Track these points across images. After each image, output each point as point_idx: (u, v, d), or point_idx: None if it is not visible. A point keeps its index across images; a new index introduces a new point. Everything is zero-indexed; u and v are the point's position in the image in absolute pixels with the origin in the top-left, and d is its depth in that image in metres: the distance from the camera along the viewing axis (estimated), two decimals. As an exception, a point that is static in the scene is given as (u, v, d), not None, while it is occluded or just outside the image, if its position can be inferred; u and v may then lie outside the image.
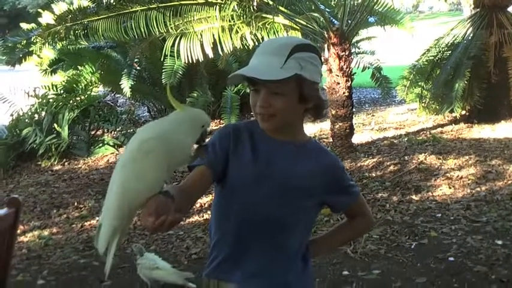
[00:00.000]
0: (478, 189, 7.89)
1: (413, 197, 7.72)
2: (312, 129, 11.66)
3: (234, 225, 2.46)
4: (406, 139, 11.09)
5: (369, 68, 13.69)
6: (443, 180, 8.37)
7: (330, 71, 9.83)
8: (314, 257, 2.67)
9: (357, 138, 10.99)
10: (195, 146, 2.26)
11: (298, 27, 10.33)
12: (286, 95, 2.36)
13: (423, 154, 9.71)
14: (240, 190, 2.44)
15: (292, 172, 2.44)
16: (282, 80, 2.30)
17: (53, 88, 12.63)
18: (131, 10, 10.87)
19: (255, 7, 10.13)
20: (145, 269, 5.25)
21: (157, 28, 10.69)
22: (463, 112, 12.56)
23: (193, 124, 2.19)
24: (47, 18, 14.84)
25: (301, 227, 2.53)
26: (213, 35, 10.31)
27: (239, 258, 2.48)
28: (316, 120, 2.60)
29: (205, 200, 7.61)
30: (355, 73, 10.48)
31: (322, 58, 9.69)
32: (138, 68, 13.88)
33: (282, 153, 2.46)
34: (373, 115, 15.02)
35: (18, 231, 5.26)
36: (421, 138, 11.13)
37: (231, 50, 10.61)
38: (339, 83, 9.79)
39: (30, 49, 12.61)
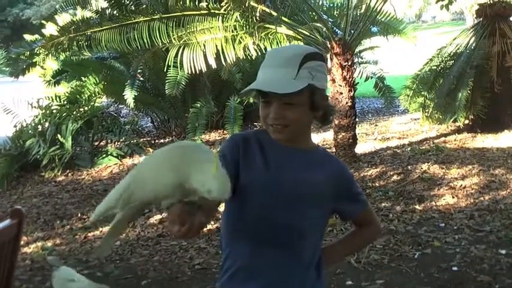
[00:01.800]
0: (482, 198, 7.88)
1: (417, 206, 7.71)
2: (315, 138, 11.59)
3: (246, 235, 2.44)
4: (409, 149, 11.09)
5: (372, 77, 13.73)
6: (446, 189, 8.36)
7: (333, 80, 9.85)
8: (325, 267, 2.62)
9: (360, 148, 10.99)
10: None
11: (300, 37, 10.36)
12: (299, 105, 2.36)
13: (426, 164, 9.71)
14: (251, 199, 2.42)
15: (302, 180, 2.43)
16: (296, 92, 2.30)
17: (56, 99, 12.64)
18: (134, 21, 10.94)
19: (257, 17, 10.16)
20: (61, 282, 5.15)
21: (160, 39, 10.75)
22: (466, 121, 12.59)
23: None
24: (50, 29, 14.90)
25: (314, 235, 2.52)
26: (216, 45, 10.36)
27: (253, 269, 2.45)
28: (321, 128, 2.61)
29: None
30: (358, 83, 10.50)
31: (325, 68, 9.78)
32: (141, 78, 13.92)
33: (291, 161, 2.46)
34: (376, 125, 15.03)
35: (22, 242, 5.26)
36: (424, 147, 11.13)
37: (234, 60, 10.64)
38: (341, 93, 9.81)
39: (34, 60, 12.63)
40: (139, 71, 13.11)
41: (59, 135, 11.35)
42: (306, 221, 2.44)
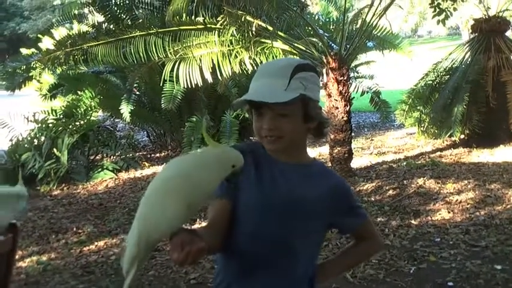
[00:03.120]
0: (477, 213, 7.88)
1: (412, 221, 7.71)
2: (310, 153, 11.63)
3: (238, 251, 2.41)
4: (405, 163, 11.10)
5: (367, 92, 13.75)
6: (442, 204, 8.37)
7: (329, 95, 9.87)
8: (323, 282, 2.58)
9: (356, 163, 11.00)
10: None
11: (296, 52, 10.39)
12: (292, 116, 2.34)
13: (422, 178, 9.73)
14: (245, 215, 2.39)
15: (296, 195, 2.39)
16: (288, 102, 2.29)
17: (52, 113, 12.64)
18: (130, 35, 10.96)
19: (253, 32, 10.18)
20: None
21: (157, 53, 10.77)
22: (462, 136, 12.61)
23: (221, 163, 2.16)
24: (47, 43, 14.93)
25: (308, 251, 2.48)
26: (212, 59, 10.37)
27: (244, 285, 2.43)
28: (316, 143, 2.58)
29: (204, 224, 7.56)
30: (354, 97, 10.53)
31: (321, 83, 9.79)
32: (137, 92, 13.92)
33: (285, 175, 2.42)
34: (372, 139, 15.04)
35: (17, 256, 5.24)
36: (420, 162, 11.15)
37: (230, 74, 10.65)
38: (337, 108, 9.83)
39: (30, 74, 12.65)
40: (135, 85, 13.12)
41: (54, 149, 11.34)
42: (299, 237, 2.41)
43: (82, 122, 12.32)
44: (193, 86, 10.61)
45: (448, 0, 10.55)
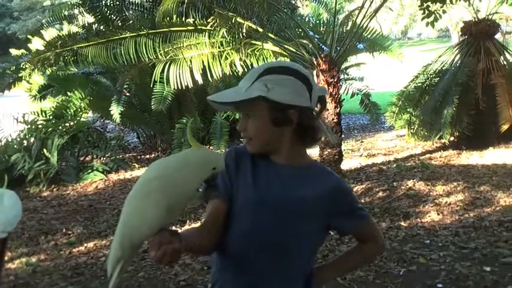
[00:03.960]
0: (467, 215, 7.90)
1: (402, 223, 7.72)
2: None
3: (233, 252, 2.42)
4: (394, 165, 11.11)
5: (357, 94, 13.76)
6: (431, 206, 8.38)
7: (319, 97, 9.86)
8: (320, 285, 2.57)
9: (346, 165, 11.01)
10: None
11: (287, 54, 10.39)
12: (256, 117, 2.36)
13: (412, 180, 9.74)
14: (240, 216, 2.40)
15: (292, 197, 2.39)
16: (246, 102, 2.33)
17: (42, 114, 12.57)
18: (121, 36, 10.94)
19: (244, 34, 10.18)
20: None
21: (147, 54, 10.76)
22: (452, 138, 12.65)
23: (203, 165, 2.16)
24: (36, 44, 14.86)
25: (304, 252, 2.47)
26: (203, 61, 10.37)
27: (238, 284, 2.43)
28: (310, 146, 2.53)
29: (195, 226, 7.56)
30: (344, 99, 10.53)
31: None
32: (127, 94, 13.88)
33: (281, 177, 2.42)
34: (362, 141, 15.05)
35: (6, 258, 5.22)
36: (409, 164, 11.16)
37: (221, 76, 10.64)
38: (328, 109, 9.83)
39: (20, 75, 12.59)
40: (125, 86, 13.08)
41: (44, 150, 11.31)
42: (294, 238, 2.41)
43: (72, 123, 12.27)
44: (184, 88, 10.60)
45: (437, 3, 10.53)
